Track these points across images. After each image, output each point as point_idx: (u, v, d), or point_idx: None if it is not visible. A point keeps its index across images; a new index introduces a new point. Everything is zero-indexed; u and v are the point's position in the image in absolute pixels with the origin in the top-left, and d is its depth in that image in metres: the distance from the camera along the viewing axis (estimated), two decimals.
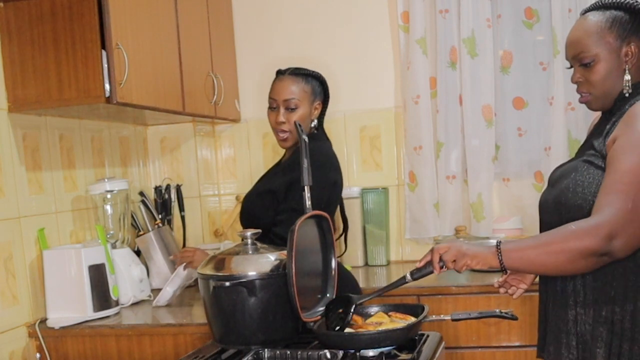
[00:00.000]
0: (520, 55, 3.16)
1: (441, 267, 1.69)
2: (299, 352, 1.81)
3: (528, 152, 3.18)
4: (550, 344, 1.77)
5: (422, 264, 1.73)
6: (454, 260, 1.66)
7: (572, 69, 1.78)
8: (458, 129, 3.17)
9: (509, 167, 3.21)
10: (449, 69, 3.15)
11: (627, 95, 1.70)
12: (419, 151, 3.16)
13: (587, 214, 1.63)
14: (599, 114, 1.83)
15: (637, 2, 1.71)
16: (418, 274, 1.75)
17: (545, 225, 1.80)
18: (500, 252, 1.61)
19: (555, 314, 1.75)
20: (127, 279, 2.61)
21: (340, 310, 1.88)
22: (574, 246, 1.54)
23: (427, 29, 3.15)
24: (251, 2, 3.40)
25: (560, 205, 1.71)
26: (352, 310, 1.85)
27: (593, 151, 1.71)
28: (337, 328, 1.84)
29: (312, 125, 2.39)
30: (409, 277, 1.76)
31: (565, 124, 3.04)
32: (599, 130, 1.75)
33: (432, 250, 1.71)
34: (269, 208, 2.28)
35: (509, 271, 1.70)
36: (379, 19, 3.29)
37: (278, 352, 1.84)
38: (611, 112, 1.74)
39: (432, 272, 1.72)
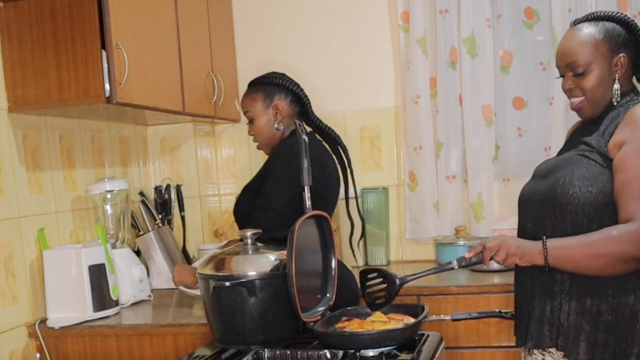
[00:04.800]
0: (520, 55, 3.16)
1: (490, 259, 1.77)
2: (299, 352, 1.81)
3: (528, 152, 3.18)
4: (533, 333, 1.80)
5: (471, 254, 1.81)
6: (504, 259, 1.75)
7: (562, 78, 1.89)
8: (458, 129, 3.17)
9: (509, 167, 3.21)
10: (449, 69, 3.14)
11: (615, 103, 1.80)
12: (419, 151, 3.16)
13: (582, 205, 1.71)
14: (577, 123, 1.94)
15: (627, 16, 1.83)
16: (465, 262, 1.82)
17: (531, 218, 1.85)
18: (546, 250, 1.69)
19: (540, 305, 1.79)
20: (127, 279, 2.61)
21: (382, 287, 1.91)
22: (617, 251, 1.63)
23: (427, 29, 3.15)
24: (251, 2, 3.40)
25: (553, 196, 1.77)
26: (397, 290, 1.89)
27: (587, 147, 1.78)
28: (380, 302, 1.91)
29: (277, 127, 2.40)
30: (455, 264, 1.83)
31: (565, 124, 3.03)
32: (588, 131, 1.84)
33: (483, 246, 1.78)
34: (247, 207, 2.31)
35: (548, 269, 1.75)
36: (379, 19, 3.29)
37: (278, 352, 1.84)
38: (600, 117, 1.83)
39: (479, 263, 1.80)
